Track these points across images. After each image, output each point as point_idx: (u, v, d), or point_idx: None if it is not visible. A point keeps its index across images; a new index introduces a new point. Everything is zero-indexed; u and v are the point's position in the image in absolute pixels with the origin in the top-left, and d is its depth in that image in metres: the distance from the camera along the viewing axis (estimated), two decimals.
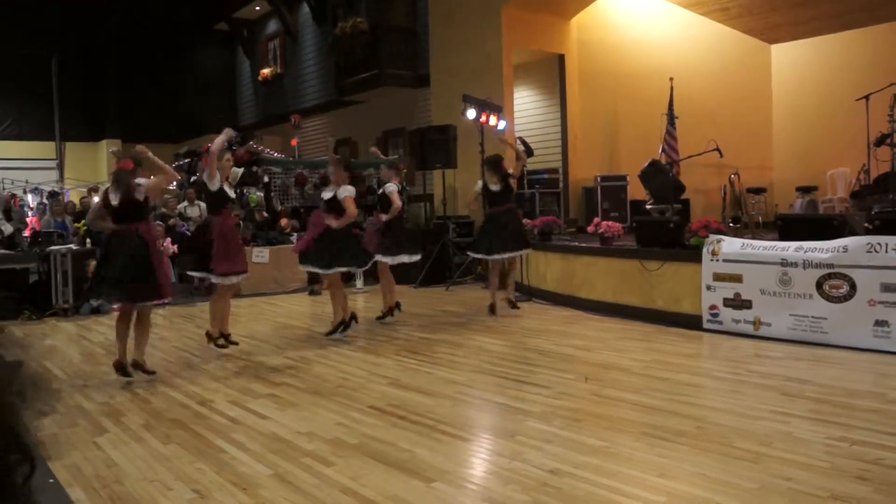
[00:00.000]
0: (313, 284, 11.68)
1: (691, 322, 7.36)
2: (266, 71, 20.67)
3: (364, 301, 10.93)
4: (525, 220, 10.56)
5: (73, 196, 16.27)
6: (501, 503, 3.41)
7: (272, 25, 20.58)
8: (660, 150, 11.75)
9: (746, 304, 6.96)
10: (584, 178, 13.02)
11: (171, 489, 3.69)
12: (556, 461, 3.89)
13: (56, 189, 17.12)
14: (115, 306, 6.25)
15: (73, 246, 10.76)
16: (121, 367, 5.94)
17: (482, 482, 3.73)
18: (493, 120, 11.29)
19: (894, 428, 4.22)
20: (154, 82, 21.71)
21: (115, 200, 5.76)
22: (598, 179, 12.50)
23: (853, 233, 6.63)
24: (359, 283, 12.25)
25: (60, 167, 20.16)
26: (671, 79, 12.22)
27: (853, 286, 6.32)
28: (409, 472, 3.82)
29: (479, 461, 4.05)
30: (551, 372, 5.85)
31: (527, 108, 13.84)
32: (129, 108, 21.23)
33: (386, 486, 3.63)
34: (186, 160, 17.42)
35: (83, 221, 11.82)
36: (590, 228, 9.25)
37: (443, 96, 13.46)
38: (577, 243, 9.54)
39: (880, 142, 9.11)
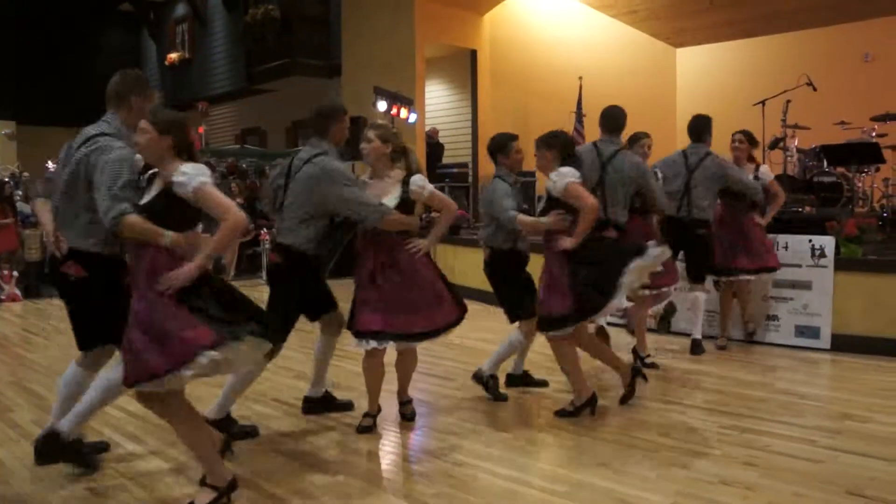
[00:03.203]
0: (218, 275, 11.37)
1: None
2: (173, 55, 20.04)
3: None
4: (434, 214, 10.57)
5: None
6: (406, 495, 3.42)
7: (181, 9, 19.96)
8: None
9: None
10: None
11: (63, 488, 3.54)
12: (460, 453, 3.93)
13: None
14: None
15: None
16: None
17: (387, 474, 3.73)
18: (403, 113, 11.28)
19: (780, 416, 4.45)
20: (52, 63, 20.68)
21: None
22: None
23: None
24: (265, 274, 12.03)
25: None
26: (580, 78, 12.48)
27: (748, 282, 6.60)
28: (314, 466, 3.78)
29: (385, 453, 4.04)
30: (457, 364, 5.89)
31: (438, 102, 13.88)
32: (25, 89, 20.17)
33: (290, 479, 3.59)
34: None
35: None
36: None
37: (354, 87, 13.34)
38: None
39: (774, 145, 9.54)
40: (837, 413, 4.54)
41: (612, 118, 5.56)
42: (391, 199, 4.07)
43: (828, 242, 6.32)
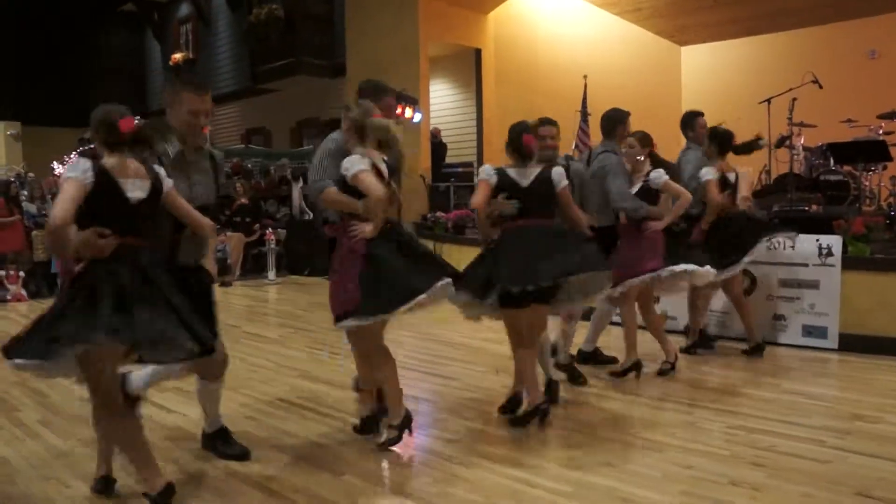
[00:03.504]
0: (223, 276, 11.40)
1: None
2: (177, 56, 20.04)
3: (277, 293, 10.75)
4: (439, 214, 10.60)
5: None
6: (410, 494, 3.40)
7: (184, 9, 19.97)
8: (573, 146, 11.95)
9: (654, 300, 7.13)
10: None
11: (68, 487, 3.53)
12: (466, 452, 3.91)
13: None
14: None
15: None
16: None
17: (392, 474, 3.72)
18: (408, 112, 11.25)
19: (787, 416, 4.42)
20: (56, 63, 20.72)
21: None
22: None
23: None
24: (271, 274, 12.05)
25: None
26: (585, 76, 12.44)
27: (753, 281, 6.58)
28: (319, 465, 3.77)
29: (389, 453, 4.02)
30: (461, 364, 5.87)
31: (443, 101, 13.86)
32: (29, 90, 20.21)
33: (295, 478, 3.58)
34: (91, 146, 16.75)
35: None
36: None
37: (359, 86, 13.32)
38: None
39: (780, 144, 9.50)
40: (846, 413, 4.51)
41: (603, 120, 5.71)
42: None
43: (835, 241, 6.29)
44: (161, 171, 3.27)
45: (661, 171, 5.33)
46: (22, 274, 10.32)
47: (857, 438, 4.02)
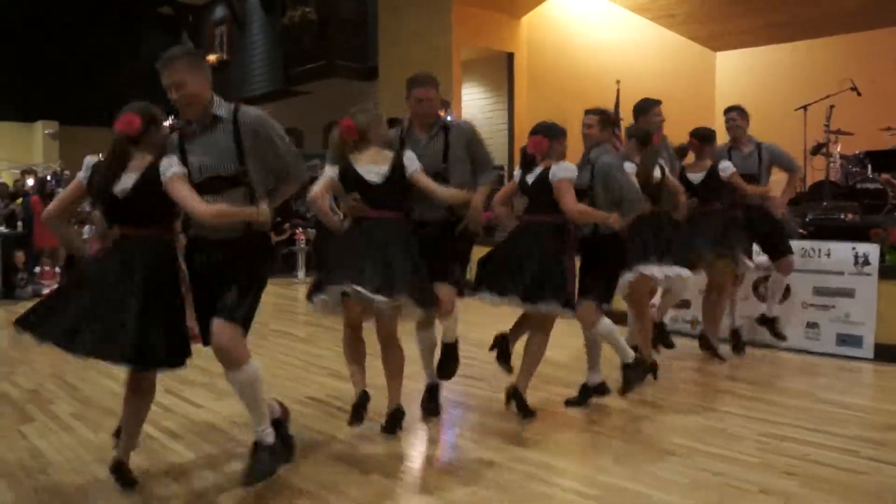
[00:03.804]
0: None
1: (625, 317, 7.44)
2: (212, 57, 20.25)
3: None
4: None
5: (6, 178, 15.70)
6: (438, 495, 3.40)
7: (219, 11, 20.18)
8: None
9: (685, 304, 7.07)
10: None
11: (99, 480, 3.57)
12: (493, 453, 3.90)
13: None
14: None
15: (2, 229, 10.39)
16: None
17: (418, 473, 3.71)
18: (440, 113, 11.26)
19: (820, 425, 4.35)
20: (93, 64, 21.05)
21: None
22: None
23: (789, 237, 6.79)
24: (300, 273, 12.13)
25: None
26: (618, 81, 12.36)
27: (787, 289, 6.48)
28: (347, 464, 3.78)
29: (417, 453, 4.03)
30: (489, 365, 5.83)
31: (474, 105, 13.86)
32: (67, 90, 20.53)
33: (322, 476, 3.59)
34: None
35: (20, 201, 11.43)
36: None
37: (391, 89, 13.36)
38: None
39: (816, 151, 9.37)
40: (881, 424, 4.42)
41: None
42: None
43: (872, 250, 6.18)
44: (165, 161, 3.28)
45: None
46: (57, 269, 10.49)
47: (892, 450, 3.94)
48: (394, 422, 4.20)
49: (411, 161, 4.09)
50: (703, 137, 5.77)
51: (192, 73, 3.34)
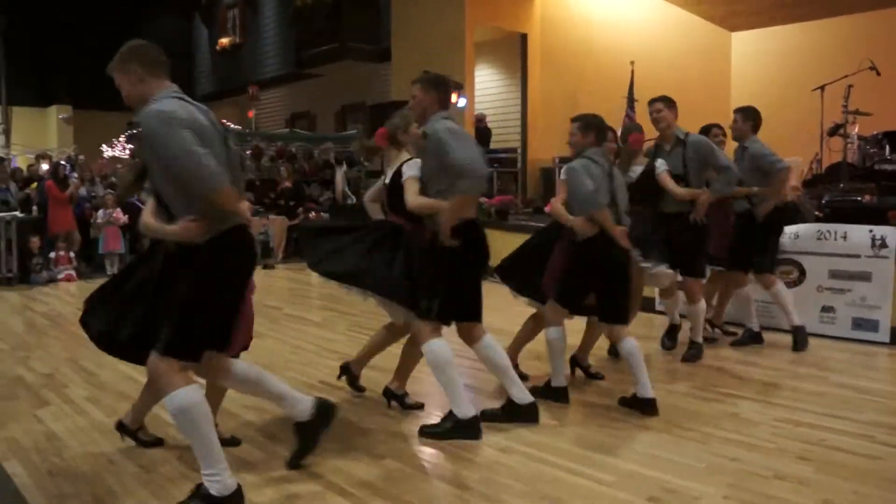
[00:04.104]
0: (265, 258, 11.51)
1: (644, 303, 7.40)
2: (225, 40, 20.24)
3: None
4: (483, 199, 10.52)
5: (21, 162, 15.78)
6: (452, 480, 3.40)
7: None
8: (619, 133, 11.79)
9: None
10: (542, 159, 13.01)
11: (113, 463, 3.60)
12: (508, 439, 3.89)
13: (1, 155, 16.58)
14: None
15: (17, 213, 10.44)
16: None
17: (433, 459, 3.71)
18: (453, 97, 11.20)
19: (836, 410, 4.31)
20: (108, 48, 20.92)
21: None
22: (557, 160, 12.51)
23: (804, 220, 6.73)
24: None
25: (7, 133, 19.50)
26: (632, 62, 12.26)
27: (803, 272, 6.43)
28: (360, 448, 3.79)
29: (430, 438, 4.03)
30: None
31: (487, 87, 13.79)
32: (81, 75, 20.52)
33: (335, 461, 3.60)
34: (140, 129, 16.99)
35: (34, 185, 11.47)
36: (547, 209, 9.20)
37: (404, 71, 13.31)
38: (533, 223, 9.54)
39: (833, 132, 9.27)
40: None
41: None
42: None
43: (889, 232, 6.10)
44: None
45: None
46: (72, 254, 10.54)
47: None
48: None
49: (409, 167, 4.08)
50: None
51: (121, 74, 3.21)
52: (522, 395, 4.13)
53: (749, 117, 5.98)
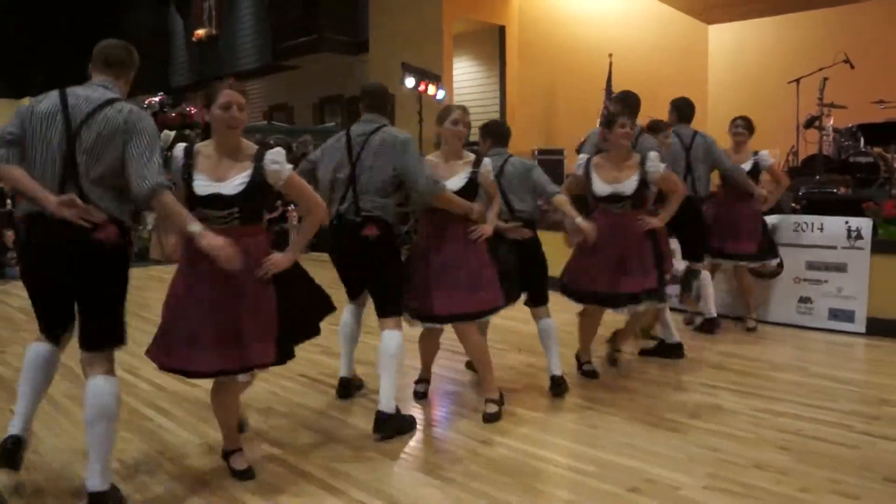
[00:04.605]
0: None
1: None
2: (200, 32, 20.03)
3: None
4: None
5: None
6: (432, 472, 3.40)
7: None
8: (598, 125, 11.82)
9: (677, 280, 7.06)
10: (521, 151, 12.93)
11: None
12: (488, 431, 3.90)
13: None
14: None
15: None
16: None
17: (413, 451, 3.71)
18: (431, 89, 11.18)
19: (814, 400, 4.36)
20: (81, 39, 20.76)
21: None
22: (536, 152, 12.51)
23: (781, 212, 6.79)
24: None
25: None
26: (610, 55, 12.29)
27: (780, 264, 6.49)
28: (341, 441, 3.77)
29: (414, 431, 4.02)
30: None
31: (466, 79, 13.75)
32: (55, 65, 20.29)
33: (316, 454, 3.58)
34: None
35: None
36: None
37: (381, 64, 13.24)
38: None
39: (809, 124, 9.34)
40: (874, 398, 4.44)
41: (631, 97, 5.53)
42: (458, 180, 4.06)
43: (864, 224, 6.17)
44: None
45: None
46: None
47: (885, 423, 3.96)
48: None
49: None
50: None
51: None
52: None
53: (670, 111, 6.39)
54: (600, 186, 4.63)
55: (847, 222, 6.25)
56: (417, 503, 3.10)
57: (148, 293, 8.97)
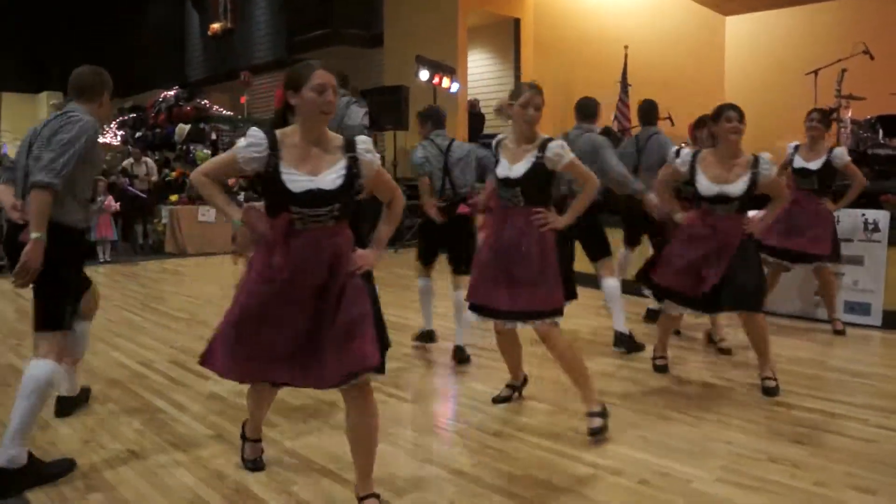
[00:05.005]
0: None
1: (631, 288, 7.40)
2: (216, 26, 20.11)
3: None
4: (476, 185, 10.48)
5: (11, 151, 15.68)
6: (443, 464, 3.39)
7: None
8: (612, 118, 11.77)
9: None
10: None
11: (106, 448, 3.59)
12: (499, 423, 3.89)
13: None
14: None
15: None
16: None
17: (424, 443, 3.70)
18: (446, 82, 11.18)
19: (830, 394, 4.32)
20: (99, 34, 20.91)
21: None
22: None
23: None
24: None
25: None
26: (626, 47, 12.23)
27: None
28: None
29: (422, 423, 4.02)
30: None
31: (480, 72, 13.74)
32: (72, 60, 20.20)
33: (327, 446, 3.59)
34: (132, 115, 16.93)
35: None
36: None
37: (396, 57, 13.25)
38: None
39: (827, 118, 9.23)
40: (890, 392, 4.39)
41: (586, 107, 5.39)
42: (524, 164, 3.75)
43: (882, 217, 6.10)
44: None
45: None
46: None
47: None
48: None
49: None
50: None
51: None
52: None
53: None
54: (706, 185, 4.27)
55: (864, 215, 6.18)
56: (429, 496, 3.10)
57: (163, 286, 9.04)
